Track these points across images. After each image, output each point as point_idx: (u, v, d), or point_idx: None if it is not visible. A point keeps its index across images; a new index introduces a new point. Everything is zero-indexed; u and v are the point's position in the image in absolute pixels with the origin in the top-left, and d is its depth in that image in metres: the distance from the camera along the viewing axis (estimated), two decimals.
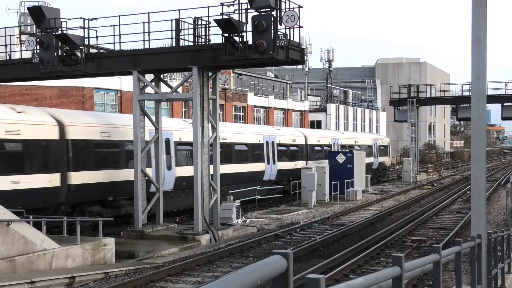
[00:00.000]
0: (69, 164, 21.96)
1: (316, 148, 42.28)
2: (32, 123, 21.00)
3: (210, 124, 22.82)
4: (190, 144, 23.58)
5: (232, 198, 27.03)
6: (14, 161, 20.51)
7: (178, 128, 27.76)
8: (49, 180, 21.19)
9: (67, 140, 22.06)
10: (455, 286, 9.66)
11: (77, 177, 21.86)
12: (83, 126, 22.94)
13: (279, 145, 36.81)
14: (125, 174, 23.73)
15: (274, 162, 35.92)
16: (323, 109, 74.22)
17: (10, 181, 19.61)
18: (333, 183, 36.69)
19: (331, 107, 73.97)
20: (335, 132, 53.14)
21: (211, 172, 23.17)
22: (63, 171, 21.74)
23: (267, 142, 35.57)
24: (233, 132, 32.68)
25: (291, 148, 38.79)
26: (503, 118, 53.40)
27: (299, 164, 37.61)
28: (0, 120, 19.88)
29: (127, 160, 24.39)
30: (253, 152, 34.32)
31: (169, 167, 26.29)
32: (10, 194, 19.21)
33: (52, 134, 21.56)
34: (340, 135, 49.34)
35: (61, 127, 21.90)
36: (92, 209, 23.06)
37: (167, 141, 26.29)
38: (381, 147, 55.86)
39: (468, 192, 38.10)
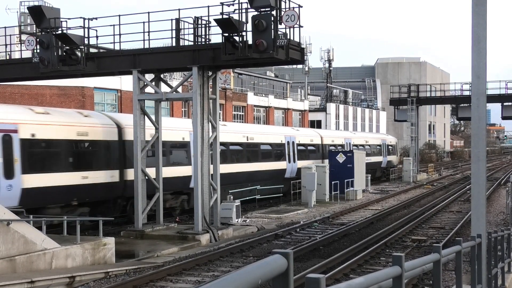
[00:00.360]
0: (125, 162, 24.30)
1: (331, 147, 44.44)
2: (97, 125, 23.74)
3: (210, 123, 22.81)
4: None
5: (232, 197, 27.04)
6: (84, 159, 23.41)
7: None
8: (110, 176, 23.83)
9: (124, 141, 24.60)
10: (455, 285, 9.66)
11: (132, 174, 23.31)
12: None
13: (298, 144, 39.03)
14: (169, 172, 25.53)
15: (294, 161, 37.88)
16: (323, 109, 74.21)
17: (81, 177, 22.32)
18: (333, 182, 36.71)
19: (331, 107, 73.96)
20: (348, 132, 55.61)
21: (212, 172, 23.19)
22: (121, 168, 24.26)
23: (288, 142, 37.76)
24: (259, 133, 35.71)
25: (309, 147, 41.28)
26: (503, 118, 53.43)
27: (316, 163, 39.56)
28: (73, 124, 22.52)
29: (168, 159, 26.83)
30: (276, 151, 36.77)
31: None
32: (81, 187, 22.02)
33: (113, 135, 24.23)
34: (352, 135, 51.60)
35: (119, 129, 24.56)
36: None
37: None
38: (389, 147, 57.89)
39: (468, 191, 38.11)
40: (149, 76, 23.79)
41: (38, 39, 22.12)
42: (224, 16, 20.00)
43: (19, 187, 20.00)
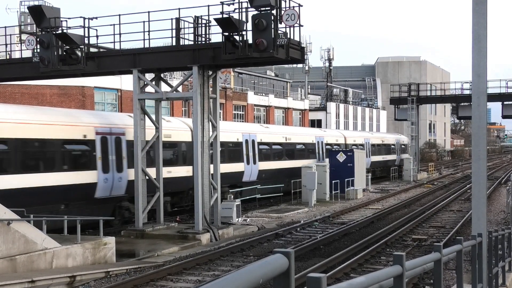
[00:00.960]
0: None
1: (353, 146, 48.74)
2: (177, 129, 28.09)
3: (210, 123, 22.81)
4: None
5: (232, 197, 27.04)
6: (169, 157, 27.35)
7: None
8: (186, 171, 27.66)
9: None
10: (456, 284, 9.66)
11: None
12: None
13: (326, 144, 44.54)
14: (228, 167, 30.25)
15: (323, 159, 42.22)
16: (323, 108, 74.21)
17: (167, 171, 25.59)
18: (333, 182, 36.71)
19: (331, 106, 73.96)
20: (367, 133, 61.38)
21: (212, 171, 23.21)
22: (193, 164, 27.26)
23: (318, 142, 43.20)
24: (295, 134, 41.07)
25: (334, 146, 46.50)
26: (504, 117, 53.39)
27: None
28: (162, 128, 25.14)
29: (227, 157, 31.13)
30: (308, 150, 41.89)
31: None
32: (166, 181, 25.14)
33: (188, 137, 27.79)
34: (371, 136, 57.06)
35: (191, 131, 26.97)
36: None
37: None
38: (402, 146, 62.51)
39: (468, 190, 38.11)
40: (149, 76, 23.78)
41: (38, 39, 22.12)
42: (224, 16, 20.00)
43: (126, 179, 24.32)
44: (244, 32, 20.16)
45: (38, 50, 22.24)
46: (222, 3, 20.39)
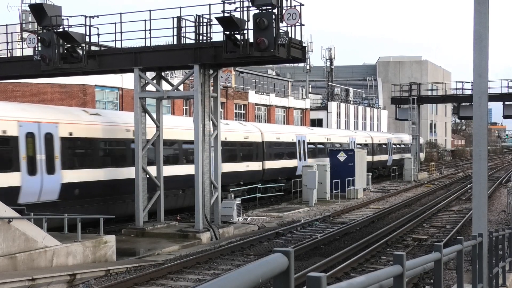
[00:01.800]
0: (264, 156, 35.44)
1: (381, 146, 58.26)
2: (251, 132, 34.95)
3: (211, 122, 22.81)
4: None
5: (233, 196, 27.04)
6: (247, 154, 34.07)
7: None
8: (258, 166, 34.69)
9: (263, 142, 35.65)
10: (456, 284, 9.65)
11: (269, 164, 35.82)
12: (270, 133, 37.16)
13: (357, 144, 51.22)
14: (285, 163, 37.69)
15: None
16: (324, 107, 74.18)
17: (245, 165, 33.15)
18: (334, 181, 36.71)
19: (332, 105, 73.93)
20: (389, 134, 67.33)
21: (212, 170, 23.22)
22: (262, 160, 35.31)
23: (351, 142, 50.51)
24: (334, 135, 49.12)
25: (366, 145, 53.75)
26: (505, 117, 53.33)
27: (368, 158, 49.47)
28: (239, 130, 33.66)
29: (284, 154, 38.19)
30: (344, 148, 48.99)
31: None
32: (244, 173, 32.80)
33: (259, 138, 35.27)
34: (392, 136, 63.67)
35: (261, 134, 35.66)
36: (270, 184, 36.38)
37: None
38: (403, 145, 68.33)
39: (469, 190, 38.09)
40: (150, 74, 23.78)
41: (39, 37, 22.11)
42: (226, 14, 19.98)
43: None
44: (245, 31, 20.15)
45: (39, 48, 22.24)
46: (223, 2, 20.38)
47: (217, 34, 21.41)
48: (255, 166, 34.50)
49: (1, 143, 20.17)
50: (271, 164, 36.19)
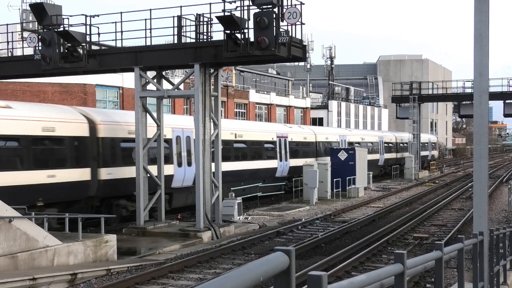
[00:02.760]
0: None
1: (401, 144, 63.12)
2: (308, 133, 41.33)
3: (212, 121, 22.81)
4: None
5: (233, 195, 27.04)
6: (306, 151, 40.08)
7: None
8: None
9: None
10: (457, 283, 9.65)
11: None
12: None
13: (384, 142, 57.42)
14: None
15: (382, 154, 56.39)
16: (325, 106, 74.13)
17: (304, 161, 36.54)
18: (335, 180, 36.70)
19: (333, 104, 73.89)
20: (409, 134, 70.84)
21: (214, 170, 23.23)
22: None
23: (380, 141, 56.48)
24: (366, 135, 55.38)
25: (389, 144, 59.57)
26: (505, 115, 53.30)
27: (392, 155, 58.61)
28: (291, 131, 38.02)
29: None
30: (373, 147, 55.07)
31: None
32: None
33: (313, 138, 41.09)
34: (383, 134, 66.55)
35: (315, 134, 40.30)
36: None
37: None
38: (432, 144, 75.10)
39: (470, 189, 38.08)
40: (150, 73, 23.78)
41: (40, 36, 22.12)
42: (226, 13, 19.98)
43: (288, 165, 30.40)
44: (245, 30, 20.15)
45: (40, 48, 22.24)
46: (224, 1, 20.37)
47: (218, 33, 21.43)
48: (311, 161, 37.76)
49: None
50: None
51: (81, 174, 22.57)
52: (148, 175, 23.18)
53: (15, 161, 20.50)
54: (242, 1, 20.32)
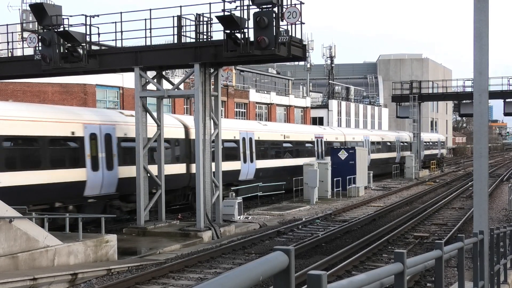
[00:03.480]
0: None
1: (425, 143, 67.36)
2: (357, 134, 49.07)
3: (212, 120, 22.81)
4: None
5: (234, 194, 27.05)
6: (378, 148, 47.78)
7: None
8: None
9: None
10: (457, 282, 9.65)
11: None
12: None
13: (401, 142, 61.45)
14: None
15: (399, 152, 60.60)
16: (325, 106, 74.12)
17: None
18: (335, 179, 36.70)
19: (333, 104, 73.87)
20: (423, 134, 75.80)
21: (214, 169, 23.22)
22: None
23: (397, 140, 60.49)
24: (385, 135, 59.22)
25: (405, 143, 63.37)
26: (506, 114, 53.26)
27: (407, 153, 59.76)
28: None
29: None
30: (390, 146, 58.73)
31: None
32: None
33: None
34: (424, 136, 70.84)
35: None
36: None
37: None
38: (441, 142, 79.31)
39: (470, 188, 38.07)
40: (150, 73, 23.78)
41: (40, 37, 22.12)
42: (226, 13, 19.98)
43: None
44: (245, 30, 20.15)
45: (40, 48, 22.24)
46: (223, 1, 20.37)
47: (218, 33, 21.43)
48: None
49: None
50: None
51: (180, 168, 27.29)
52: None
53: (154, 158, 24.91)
54: (242, 1, 20.32)
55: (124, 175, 23.48)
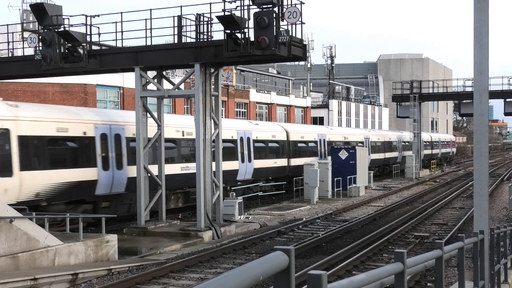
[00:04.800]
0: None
1: (435, 143, 74.81)
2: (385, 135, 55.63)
3: (212, 120, 22.81)
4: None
5: (234, 194, 27.05)
6: (389, 148, 54.59)
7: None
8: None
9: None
10: (457, 282, 9.66)
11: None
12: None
13: (402, 141, 63.04)
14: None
15: (421, 150, 60.50)
16: (325, 105, 74.12)
17: (273, 162, 36.37)
18: (335, 179, 36.69)
19: (334, 103, 73.87)
20: (438, 134, 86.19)
21: (214, 169, 23.23)
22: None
23: (398, 140, 61.56)
24: (401, 136, 63.44)
25: (427, 143, 70.31)
26: (506, 114, 53.25)
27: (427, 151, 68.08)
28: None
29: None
30: (407, 145, 62.01)
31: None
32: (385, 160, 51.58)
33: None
34: (440, 136, 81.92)
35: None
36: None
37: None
38: (452, 142, 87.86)
39: (470, 188, 38.07)
40: (151, 73, 23.79)
41: (40, 37, 22.12)
42: (226, 13, 19.98)
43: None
44: (246, 30, 20.15)
45: (40, 48, 22.25)
46: (224, 1, 20.37)
47: (218, 33, 21.44)
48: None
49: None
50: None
51: (284, 161, 37.09)
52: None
53: (268, 154, 35.82)
54: (242, 1, 20.32)
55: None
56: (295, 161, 38.37)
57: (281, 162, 37.35)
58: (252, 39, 19.92)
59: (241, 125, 34.56)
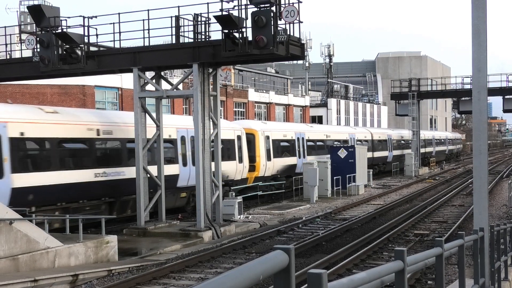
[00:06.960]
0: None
1: (448, 140, 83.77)
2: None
3: (211, 120, 22.81)
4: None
5: (234, 194, 27.04)
6: (401, 146, 58.60)
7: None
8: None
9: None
10: (458, 279, 9.66)
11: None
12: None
13: (436, 139, 72.79)
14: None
15: (435, 147, 71.70)
16: (324, 104, 74.12)
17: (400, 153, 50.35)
18: (335, 178, 36.68)
19: (332, 102, 73.88)
20: (446, 133, 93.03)
21: (213, 169, 23.22)
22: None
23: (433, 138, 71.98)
24: (432, 136, 72.72)
25: (442, 140, 78.69)
26: (505, 111, 53.32)
27: (442, 148, 76.91)
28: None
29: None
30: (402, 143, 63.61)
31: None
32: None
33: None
34: (448, 134, 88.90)
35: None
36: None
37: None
38: (458, 139, 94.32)
39: (470, 185, 38.08)
40: (149, 74, 23.78)
41: (38, 38, 22.11)
42: (224, 13, 19.98)
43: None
44: (243, 29, 20.14)
45: (38, 50, 22.24)
46: (221, 1, 20.37)
47: (216, 32, 21.44)
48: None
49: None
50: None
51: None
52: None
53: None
54: (239, 0, 20.31)
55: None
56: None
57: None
58: (250, 38, 19.91)
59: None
